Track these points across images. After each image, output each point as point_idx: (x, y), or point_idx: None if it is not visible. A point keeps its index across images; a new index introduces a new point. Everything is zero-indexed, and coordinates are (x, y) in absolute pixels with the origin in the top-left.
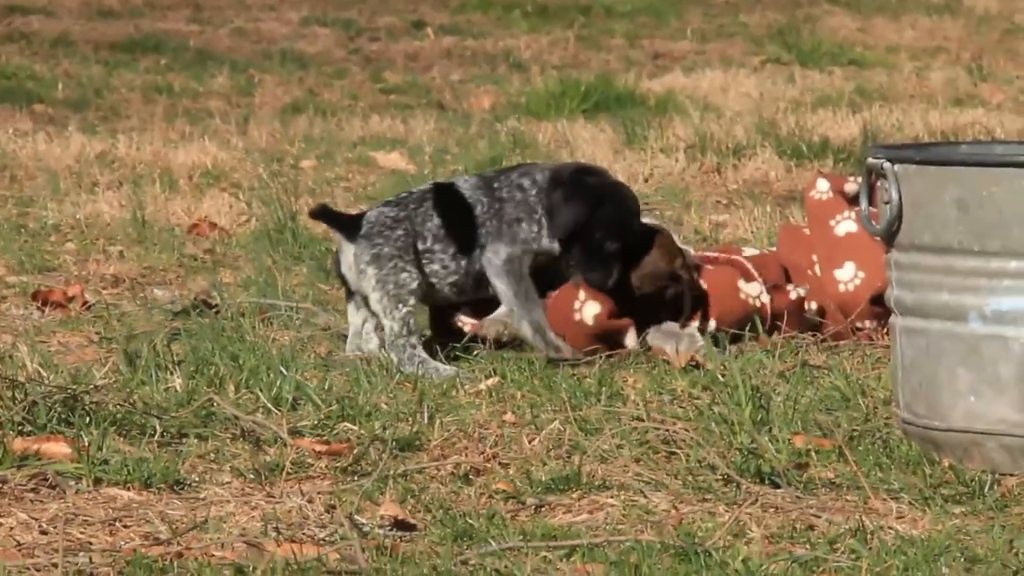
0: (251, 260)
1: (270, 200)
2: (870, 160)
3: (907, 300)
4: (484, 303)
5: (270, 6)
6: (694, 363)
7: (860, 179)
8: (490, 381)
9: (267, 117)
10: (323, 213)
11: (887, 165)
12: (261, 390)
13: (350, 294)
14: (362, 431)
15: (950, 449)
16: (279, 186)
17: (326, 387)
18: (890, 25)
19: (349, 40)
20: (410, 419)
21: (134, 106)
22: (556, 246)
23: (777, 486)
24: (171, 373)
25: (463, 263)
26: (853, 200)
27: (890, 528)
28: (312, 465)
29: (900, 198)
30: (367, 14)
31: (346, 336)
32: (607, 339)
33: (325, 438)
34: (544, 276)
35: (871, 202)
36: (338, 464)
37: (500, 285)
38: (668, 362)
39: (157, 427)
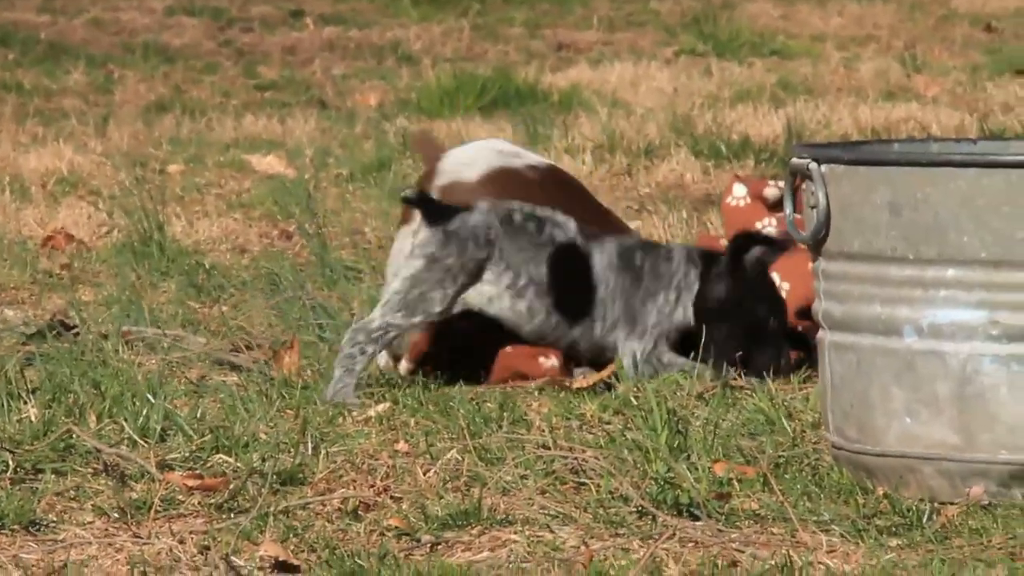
0: (113, 276)
1: (134, 209)
2: (794, 160)
3: (836, 313)
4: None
5: None
6: (604, 384)
7: (781, 183)
8: (380, 407)
9: (129, 117)
10: (419, 200)
11: (813, 166)
12: (126, 420)
13: None
14: (239, 464)
15: (884, 476)
16: (144, 194)
17: (198, 415)
18: (815, 12)
19: (219, 31)
20: (292, 450)
21: None
22: (691, 320)
23: (696, 519)
24: (24, 402)
25: (564, 330)
26: (774, 206)
27: (820, 563)
28: (183, 502)
29: (827, 202)
30: (239, 2)
31: (220, 361)
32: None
33: (198, 472)
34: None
35: (795, 207)
36: (212, 500)
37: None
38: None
39: (9, 462)
